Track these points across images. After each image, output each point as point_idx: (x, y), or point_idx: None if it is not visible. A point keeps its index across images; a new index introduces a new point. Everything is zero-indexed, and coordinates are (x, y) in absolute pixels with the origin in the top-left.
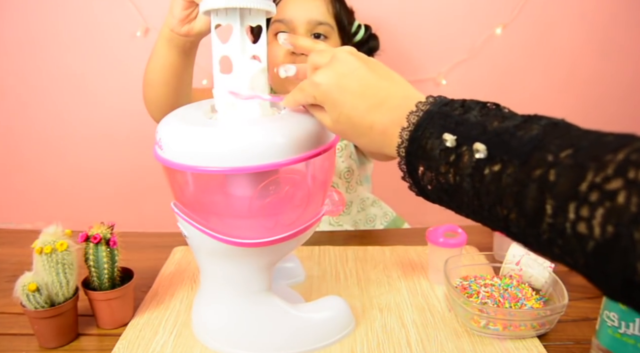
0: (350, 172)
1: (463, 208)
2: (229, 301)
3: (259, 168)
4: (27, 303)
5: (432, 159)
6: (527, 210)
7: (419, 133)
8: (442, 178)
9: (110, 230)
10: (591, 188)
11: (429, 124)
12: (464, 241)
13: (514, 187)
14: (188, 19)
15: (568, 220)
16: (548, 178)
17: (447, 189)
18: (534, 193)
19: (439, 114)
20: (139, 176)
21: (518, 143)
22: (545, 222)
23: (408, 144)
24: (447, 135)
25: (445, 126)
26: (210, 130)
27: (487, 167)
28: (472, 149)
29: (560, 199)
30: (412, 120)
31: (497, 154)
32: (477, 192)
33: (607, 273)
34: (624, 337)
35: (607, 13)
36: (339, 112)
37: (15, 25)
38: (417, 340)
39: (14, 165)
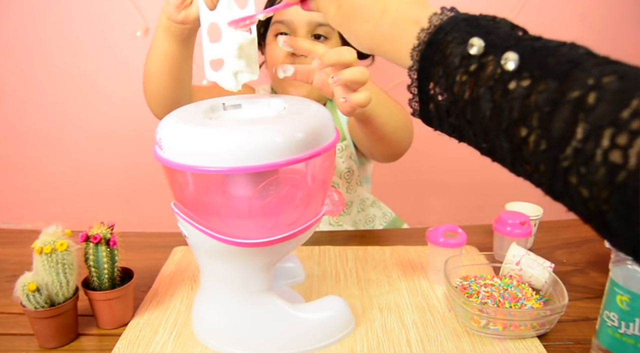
0: (351, 173)
1: (473, 126)
2: (229, 301)
3: (259, 168)
4: (27, 303)
5: (450, 65)
6: (552, 132)
7: (440, 36)
8: (457, 89)
9: (110, 230)
10: (634, 115)
11: (453, 28)
12: (464, 241)
13: (544, 106)
14: (184, 5)
15: (600, 146)
16: (586, 100)
17: (460, 102)
18: (566, 115)
19: (467, 21)
20: (139, 176)
21: (555, 61)
22: (571, 146)
23: (425, 47)
24: (475, 40)
25: (472, 32)
26: (210, 130)
27: (514, 81)
28: (501, 59)
29: (595, 124)
30: (434, 22)
31: (530, 68)
32: (497, 108)
33: (633, 208)
34: (624, 337)
35: (606, 13)
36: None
37: (16, 25)
38: (417, 340)
39: (14, 165)
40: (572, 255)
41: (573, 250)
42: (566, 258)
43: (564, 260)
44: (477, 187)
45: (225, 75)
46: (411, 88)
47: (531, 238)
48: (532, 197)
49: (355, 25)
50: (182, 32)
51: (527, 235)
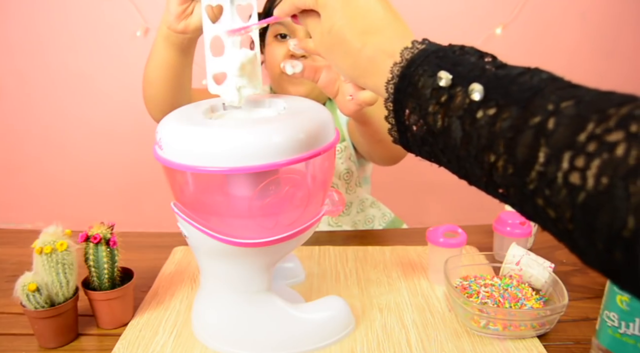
0: (350, 174)
1: (446, 154)
2: (229, 301)
3: (259, 168)
4: (27, 303)
5: (422, 97)
6: (517, 157)
7: (411, 70)
8: (430, 120)
9: (110, 230)
10: (590, 138)
11: (423, 62)
12: (464, 241)
13: (508, 133)
14: (184, 15)
15: (560, 169)
16: (546, 126)
17: (433, 132)
18: (529, 140)
19: (436, 53)
20: (139, 176)
21: (518, 89)
22: (535, 170)
23: (398, 80)
24: (442, 73)
25: (440, 65)
26: (210, 130)
27: (481, 110)
28: (468, 90)
29: (555, 148)
30: (405, 56)
31: (494, 97)
32: (466, 136)
33: (594, 228)
34: (624, 337)
35: (607, 13)
36: (333, 22)
37: (16, 25)
38: (417, 340)
39: (14, 165)
40: (572, 255)
41: None
42: (566, 258)
43: (564, 260)
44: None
45: (227, 89)
46: (389, 118)
47: (531, 238)
48: None
49: (337, 58)
50: (182, 42)
51: (527, 235)
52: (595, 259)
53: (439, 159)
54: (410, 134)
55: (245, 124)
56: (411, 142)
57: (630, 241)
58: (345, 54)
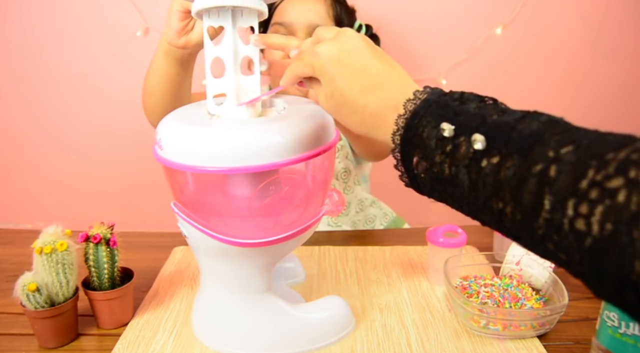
0: (348, 173)
1: (456, 200)
2: (229, 301)
3: (259, 168)
4: (27, 303)
5: (427, 148)
6: (524, 204)
7: (415, 121)
8: (436, 169)
9: (110, 230)
10: (592, 185)
11: (426, 113)
12: (464, 241)
13: (513, 181)
14: (185, 31)
15: (566, 216)
16: (549, 173)
17: (442, 180)
18: (533, 188)
19: (437, 103)
20: (139, 176)
21: (518, 136)
22: (542, 217)
23: (404, 132)
24: (445, 125)
25: (443, 115)
26: (210, 130)
27: (485, 159)
28: (471, 139)
29: (559, 195)
30: (408, 108)
31: (496, 146)
32: (473, 184)
33: (603, 272)
34: (624, 337)
35: (606, 13)
36: (334, 87)
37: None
38: (417, 340)
39: (14, 165)
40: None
41: None
42: None
43: None
44: None
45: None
46: (398, 166)
47: None
48: None
49: (344, 117)
50: (182, 56)
51: None
52: (609, 298)
53: (450, 203)
54: (419, 180)
55: (245, 124)
56: (422, 187)
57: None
58: (351, 113)
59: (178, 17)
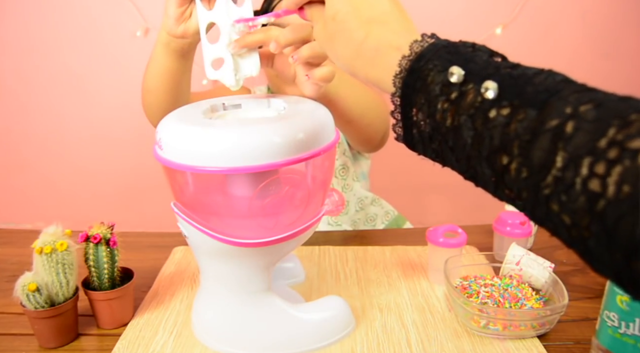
0: (346, 169)
1: (455, 153)
2: (229, 301)
3: (259, 168)
4: (27, 303)
5: (431, 93)
6: (533, 160)
7: (421, 63)
8: (439, 117)
9: (110, 230)
10: (611, 144)
11: (434, 56)
12: (464, 241)
13: (524, 135)
14: (183, 18)
15: (579, 175)
16: (564, 129)
17: (442, 130)
18: (545, 144)
19: (447, 48)
20: (139, 176)
21: (533, 90)
22: (552, 174)
23: (407, 75)
24: (455, 69)
25: (452, 60)
26: (210, 130)
27: (494, 109)
28: (481, 87)
29: (574, 153)
30: (415, 49)
31: (509, 97)
32: (478, 136)
33: (613, 236)
34: (624, 337)
35: (607, 13)
36: (339, 8)
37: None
38: (417, 340)
39: (14, 165)
40: (572, 255)
41: None
42: (566, 258)
43: (564, 260)
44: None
45: (225, 73)
46: (394, 114)
47: (531, 238)
48: None
49: (338, 47)
50: (182, 47)
51: (527, 235)
52: (610, 267)
53: (446, 158)
54: (416, 130)
55: (245, 124)
56: (416, 139)
57: None
58: (347, 42)
59: (175, 3)
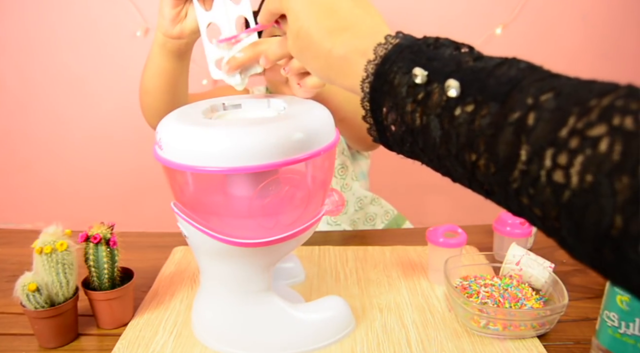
0: (345, 169)
1: (426, 153)
2: (229, 301)
3: (259, 168)
4: (27, 303)
5: (398, 96)
6: (499, 155)
7: (386, 67)
8: (408, 118)
9: (110, 230)
10: (572, 134)
11: (397, 58)
12: (464, 241)
13: (488, 130)
14: (179, 18)
15: (543, 167)
16: (526, 122)
17: (412, 131)
18: (509, 138)
19: (410, 48)
20: (139, 176)
21: (495, 83)
22: (518, 169)
23: (373, 79)
24: (417, 70)
25: (415, 61)
26: (210, 130)
27: (459, 107)
28: (444, 86)
29: (537, 145)
30: (379, 53)
31: (471, 93)
32: (446, 135)
33: (581, 227)
34: (624, 337)
35: (607, 13)
36: (300, 25)
37: (15, 25)
38: (417, 340)
39: (13, 165)
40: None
41: None
42: (566, 258)
43: (564, 260)
44: None
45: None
46: (366, 118)
47: (531, 238)
48: None
49: (309, 61)
50: (178, 48)
51: (527, 235)
52: (585, 256)
53: (420, 158)
54: (389, 133)
55: (245, 124)
56: (391, 141)
57: (619, 240)
58: (316, 56)
59: (170, 4)
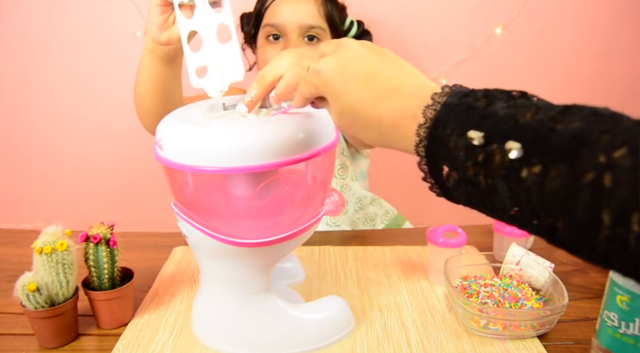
0: (344, 169)
1: (497, 213)
2: (229, 301)
3: (259, 168)
4: (27, 303)
5: (457, 159)
6: (578, 220)
7: (438, 130)
8: (471, 180)
9: (110, 230)
10: None
11: (449, 119)
12: (464, 241)
13: (561, 194)
14: (166, 25)
15: (632, 233)
16: (602, 183)
17: (478, 191)
18: (587, 202)
19: (460, 107)
20: (139, 176)
21: (560, 140)
22: (603, 234)
23: (428, 143)
24: (472, 133)
25: (468, 121)
26: (210, 130)
27: (525, 168)
28: (504, 147)
29: (619, 209)
30: (428, 115)
31: (535, 153)
32: (515, 197)
33: None
34: (624, 337)
35: (606, 13)
36: (342, 103)
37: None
38: (417, 340)
39: (14, 165)
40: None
41: None
42: (566, 258)
43: (564, 260)
44: None
45: (210, 81)
46: (427, 179)
47: (531, 238)
48: None
49: (360, 133)
50: (167, 54)
51: (527, 235)
52: None
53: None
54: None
55: (245, 124)
56: (456, 198)
57: None
58: (366, 128)
59: (158, 11)
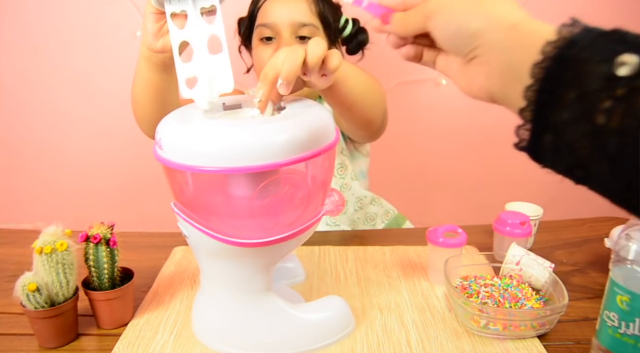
0: (344, 168)
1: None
2: (229, 301)
3: (259, 168)
4: (27, 303)
5: (588, 87)
6: None
7: (573, 51)
8: (598, 119)
9: (110, 230)
10: None
11: (592, 42)
12: (464, 241)
13: None
14: (161, 33)
15: None
16: None
17: (601, 133)
18: None
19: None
20: (139, 176)
21: None
22: None
23: (551, 63)
24: (626, 57)
25: (617, 49)
26: (210, 130)
27: None
28: None
29: None
30: (563, 34)
31: None
32: None
33: None
34: (624, 337)
35: (607, 13)
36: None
37: (15, 24)
38: (417, 340)
39: (14, 165)
40: (572, 255)
41: (573, 250)
42: (566, 258)
43: (564, 260)
44: (477, 187)
45: (199, 92)
46: (524, 112)
47: (531, 238)
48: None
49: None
50: (163, 61)
51: (527, 235)
52: None
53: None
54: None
55: (245, 123)
56: (548, 147)
57: None
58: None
59: (152, 19)
